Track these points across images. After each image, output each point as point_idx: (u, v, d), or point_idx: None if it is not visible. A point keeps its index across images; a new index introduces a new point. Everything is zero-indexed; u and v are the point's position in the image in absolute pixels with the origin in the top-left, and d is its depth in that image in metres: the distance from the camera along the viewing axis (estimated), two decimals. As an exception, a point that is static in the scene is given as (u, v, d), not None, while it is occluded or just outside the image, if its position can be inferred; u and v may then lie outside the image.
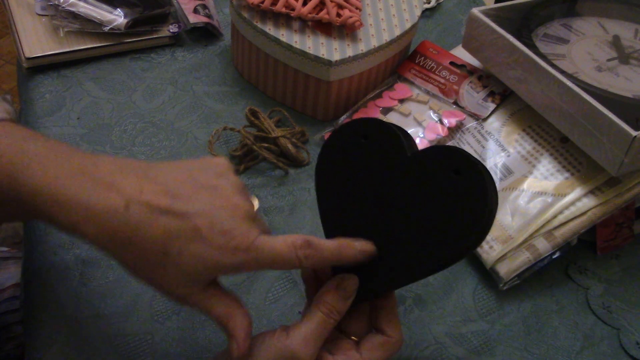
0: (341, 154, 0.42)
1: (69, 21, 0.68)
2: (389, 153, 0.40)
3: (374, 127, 0.41)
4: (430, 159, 0.39)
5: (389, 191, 0.40)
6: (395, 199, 0.40)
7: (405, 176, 0.40)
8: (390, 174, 0.40)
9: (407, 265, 0.39)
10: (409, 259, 0.39)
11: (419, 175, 0.39)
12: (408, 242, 0.39)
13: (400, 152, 0.40)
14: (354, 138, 0.41)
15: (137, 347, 0.49)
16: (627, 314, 0.57)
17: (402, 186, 0.40)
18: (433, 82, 0.67)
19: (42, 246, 0.53)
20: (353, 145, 0.41)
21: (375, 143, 0.41)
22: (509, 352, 0.53)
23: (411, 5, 0.68)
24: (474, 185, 0.37)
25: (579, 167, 0.57)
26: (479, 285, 0.57)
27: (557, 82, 0.56)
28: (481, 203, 0.37)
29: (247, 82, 0.71)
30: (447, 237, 0.38)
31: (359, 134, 0.41)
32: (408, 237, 0.39)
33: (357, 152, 0.41)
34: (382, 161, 0.41)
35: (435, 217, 0.38)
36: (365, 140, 0.41)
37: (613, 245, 0.60)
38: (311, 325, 0.39)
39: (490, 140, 0.62)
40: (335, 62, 0.61)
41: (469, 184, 0.37)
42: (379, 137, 0.41)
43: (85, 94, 0.66)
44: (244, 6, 0.64)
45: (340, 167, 0.42)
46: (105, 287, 0.52)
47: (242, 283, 0.54)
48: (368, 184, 0.41)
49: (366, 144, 0.41)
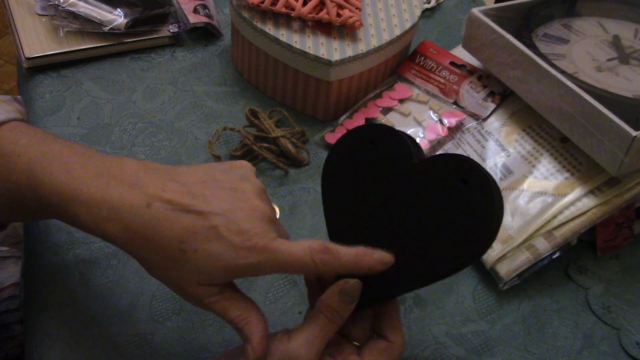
0: (348, 159, 0.42)
1: (69, 21, 0.68)
2: (397, 160, 0.40)
3: (382, 133, 0.41)
4: (438, 167, 0.39)
5: (395, 198, 0.40)
6: (402, 206, 0.40)
7: (412, 183, 0.40)
8: (397, 180, 0.40)
9: (412, 272, 0.39)
10: (414, 266, 0.39)
11: (426, 183, 0.39)
12: (413, 250, 0.39)
13: (407, 159, 0.40)
14: (361, 143, 0.41)
15: (137, 347, 0.49)
16: (627, 314, 0.57)
17: (408, 193, 0.40)
18: (433, 82, 0.67)
19: (42, 246, 0.53)
20: (360, 150, 0.41)
21: (382, 149, 0.41)
22: (509, 352, 0.53)
23: (411, 5, 0.68)
24: (481, 196, 0.37)
25: (579, 167, 0.57)
26: (479, 285, 0.57)
27: (557, 82, 0.56)
28: (488, 214, 0.37)
29: (247, 82, 0.71)
30: (452, 245, 0.38)
31: (367, 140, 0.41)
32: (413, 244, 0.39)
33: (365, 158, 0.41)
34: (389, 168, 0.40)
35: (441, 226, 0.38)
36: (372, 145, 0.41)
37: (613, 245, 0.60)
38: (314, 329, 0.39)
39: (490, 140, 0.62)
40: (335, 62, 0.61)
41: (477, 194, 0.37)
42: (386, 143, 0.41)
43: (85, 94, 0.66)
44: (244, 6, 0.64)
45: (347, 172, 0.42)
46: (105, 287, 0.52)
47: (242, 283, 0.54)
48: (374, 190, 0.41)
49: (373, 150, 0.41)
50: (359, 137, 0.42)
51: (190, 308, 0.51)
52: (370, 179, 0.41)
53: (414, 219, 0.39)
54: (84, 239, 0.54)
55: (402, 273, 0.39)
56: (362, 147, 0.41)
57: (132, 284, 0.52)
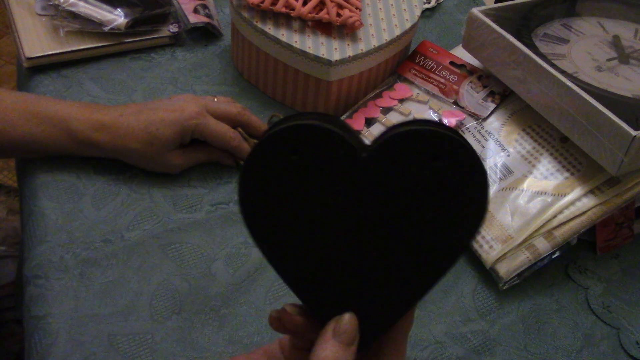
0: (268, 184, 0.30)
1: (69, 21, 0.68)
2: (335, 163, 0.30)
3: (302, 135, 0.30)
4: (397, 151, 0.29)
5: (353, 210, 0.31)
6: (366, 217, 0.31)
7: (367, 185, 0.30)
8: (345, 189, 0.30)
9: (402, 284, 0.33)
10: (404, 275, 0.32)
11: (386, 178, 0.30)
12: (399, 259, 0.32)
13: (350, 157, 0.30)
14: (280, 158, 0.30)
15: (137, 347, 0.49)
16: (627, 313, 0.57)
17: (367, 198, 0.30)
18: (433, 82, 0.67)
19: (42, 246, 0.53)
20: (282, 167, 0.30)
21: (311, 157, 0.30)
22: (508, 352, 0.53)
23: (411, 5, 0.68)
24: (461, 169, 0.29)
25: (579, 167, 0.57)
26: (479, 285, 0.57)
27: (557, 82, 0.56)
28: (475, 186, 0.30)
29: (247, 82, 0.71)
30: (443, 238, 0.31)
31: (286, 151, 0.30)
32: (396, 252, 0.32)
33: (290, 175, 0.30)
34: (329, 177, 0.30)
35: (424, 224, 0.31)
36: (296, 156, 0.30)
37: (613, 245, 0.60)
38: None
39: (490, 140, 0.62)
40: (335, 62, 0.61)
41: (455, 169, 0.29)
42: (313, 147, 0.30)
43: (85, 94, 0.66)
44: (244, 6, 0.64)
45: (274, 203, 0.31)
46: (105, 287, 0.52)
47: (242, 283, 0.54)
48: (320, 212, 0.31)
49: (299, 161, 0.30)
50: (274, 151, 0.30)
51: (190, 308, 0.51)
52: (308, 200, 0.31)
53: (388, 225, 0.31)
54: (84, 239, 0.54)
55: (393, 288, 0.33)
56: (282, 162, 0.30)
57: (132, 284, 0.52)
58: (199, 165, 0.61)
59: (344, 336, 0.32)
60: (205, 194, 0.59)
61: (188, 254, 0.55)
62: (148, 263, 0.54)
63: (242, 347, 0.50)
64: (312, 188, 0.30)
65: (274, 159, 0.30)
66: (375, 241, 0.31)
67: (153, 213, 0.57)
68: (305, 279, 0.33)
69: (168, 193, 0.59)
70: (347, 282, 0.33)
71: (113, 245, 0.54)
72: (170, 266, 0.54)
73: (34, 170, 0.58)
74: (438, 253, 0.32)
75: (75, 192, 0.57)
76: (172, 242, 0.55)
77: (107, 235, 0.55)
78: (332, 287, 0.33)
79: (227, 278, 0.54)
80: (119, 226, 0.56)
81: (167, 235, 0.56)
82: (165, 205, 0.58)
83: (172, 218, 0.57)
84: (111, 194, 0.58)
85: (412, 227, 0.31)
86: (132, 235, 0.55)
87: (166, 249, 0.55)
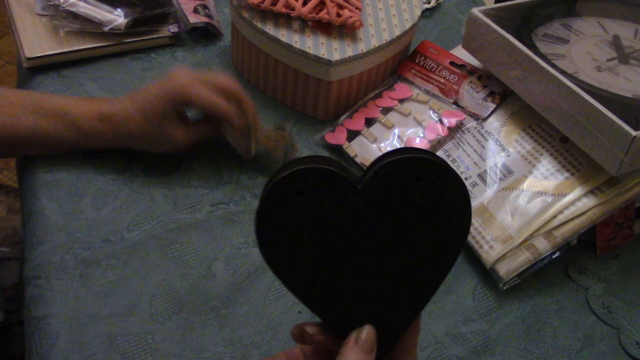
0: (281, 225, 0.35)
1: (69, 21, 0.68)
2: (335, 197, 0.34)
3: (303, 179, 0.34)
4: (385, 179, 0.34)
5: (356, 235, 0.35)
6: (369, 239, 0.35)
7: (365, 212, 0.35)
8: (347, 217, 0.35)
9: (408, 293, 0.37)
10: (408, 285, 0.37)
11: (380, 203, 0.35)
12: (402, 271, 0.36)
13: (347, 191, 0.34)
14: (288, 201, 0.35)
15: (137, 348, 0.49)
16: (627, 313, 0.57)
17: (367, 223, 0.35)
18: (433, 82, 0.67)
19: (42, 246, 0.53)
20: (291, 208, 0.35)
21: (314, 195, 0.34)
22: (508, 352, 0.53)
23: (411, 5, 0.68)
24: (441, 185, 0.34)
25: (579, 167, 0.57)
26: (479, 285, 0.57)
27: (557, 82, 0.56)
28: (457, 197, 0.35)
29: (247, 82, 0.71)
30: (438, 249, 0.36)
31: (292, 194, 0.34)
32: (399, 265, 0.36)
33: (299, 214, 0.35)
34: (332, 209, 0.35)
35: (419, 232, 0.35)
36: (301, 197, 0.34)
37: (613, 245, 0.60)
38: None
39: (490, 140, 0.62)
40: (335, 62, 0.61)
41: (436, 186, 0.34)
42: (315, 187, 0.34)
43: (85, 94, 0.66)
44: (244, 6, 0.64)
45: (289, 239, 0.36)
46: (105, 287, 0.52)
47: (242, 283, 0.54)
48: (329, 240, 0.35)
49: (305, 201, 0.34)
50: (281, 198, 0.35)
51: (190, 308, 0.51)
52: (318, 234, 0.35)
53: (388, 248, 0.35)
54: (84, 239, 0.54)
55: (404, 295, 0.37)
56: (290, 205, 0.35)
57: (132, 284, 0.52)
58: (199, 165, 0.61)
59: (365, 345, 0.36)
60: (205, 194, 0.59)
61: (188, 254, 0.55)
62: (148, 263, 0.54)
63: (242, 347, 0.50)
64: (319, 221, 0.35)
65: (283, 203, 0.34)
66: (379, 259, 0.36)
67: (153, 213, 0.57)
68: (325, 301, 0.37)
69: (168, 193, 0.59)
70: (361, 299, 0.37)
71: (113, 246, 0.54)
72: (170, 266, 0.54)
73: (34, 170, 0.58)
74: (435, 260, 0.37)
75: (75, 192, 0.57)
76: (172, 242, 0.55)
77: (107, 235, 0.55)
78: (348, 305, 0.37)
79: (227, 278, 0.54)
80: (119, 226, 0.56)
81: (167, 235, 0.56)
82: (165, 205, 0.58)
83: (172, 218, 0.57)
84: (111, 194, 0.58)
85: (409, 241, 0.35)
86: (132, 236, 0.55)
87: (166, 249, 0.55)
